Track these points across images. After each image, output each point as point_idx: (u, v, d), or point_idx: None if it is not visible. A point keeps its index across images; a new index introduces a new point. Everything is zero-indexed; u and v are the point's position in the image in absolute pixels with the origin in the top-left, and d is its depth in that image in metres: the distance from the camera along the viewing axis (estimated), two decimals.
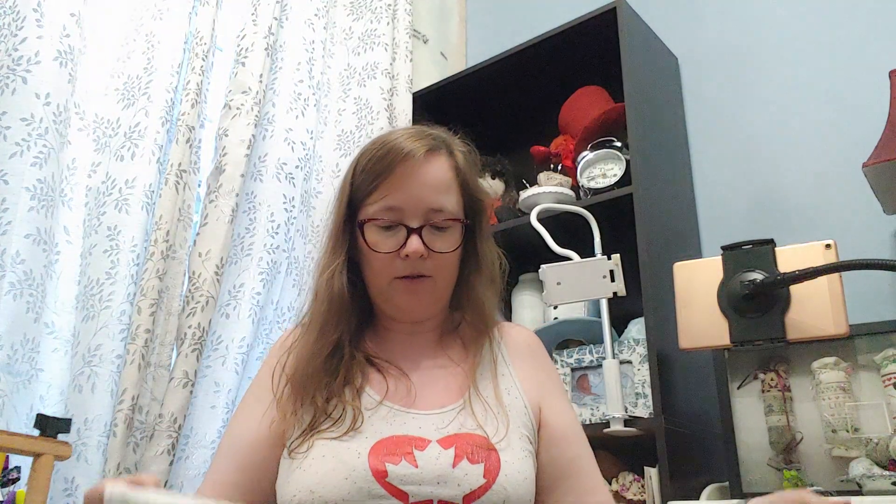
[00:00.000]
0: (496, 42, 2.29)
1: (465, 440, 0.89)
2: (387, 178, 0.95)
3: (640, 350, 1.59)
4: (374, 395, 0.94)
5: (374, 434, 0.89)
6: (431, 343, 1.04)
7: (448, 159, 0.99)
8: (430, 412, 0.93)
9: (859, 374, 1.31)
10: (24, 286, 1.28)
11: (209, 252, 1.53)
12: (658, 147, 1.81)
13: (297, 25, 1.87)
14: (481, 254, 1.02)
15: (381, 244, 0.95)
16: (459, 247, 0.98)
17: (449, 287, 1.00)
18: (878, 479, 1.18)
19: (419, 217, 0.95)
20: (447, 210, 0.96)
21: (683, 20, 2.06)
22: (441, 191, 0.97)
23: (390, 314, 1.02)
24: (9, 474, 1.15)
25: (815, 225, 1.68)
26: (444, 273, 0.98)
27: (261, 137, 1.71)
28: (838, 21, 1.78)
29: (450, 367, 1.00)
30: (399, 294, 0.97)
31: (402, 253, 0.94)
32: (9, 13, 1.34)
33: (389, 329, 1.04)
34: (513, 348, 1.05)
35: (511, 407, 0.96)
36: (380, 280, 0.97)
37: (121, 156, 1.48)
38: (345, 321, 0.98)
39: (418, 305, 0.99)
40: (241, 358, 1.56)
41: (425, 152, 0.96)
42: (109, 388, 1.34)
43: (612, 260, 1.41)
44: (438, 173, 0.97)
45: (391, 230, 0.95)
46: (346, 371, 0.95)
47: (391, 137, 0.98)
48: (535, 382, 1.02)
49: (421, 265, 0.95)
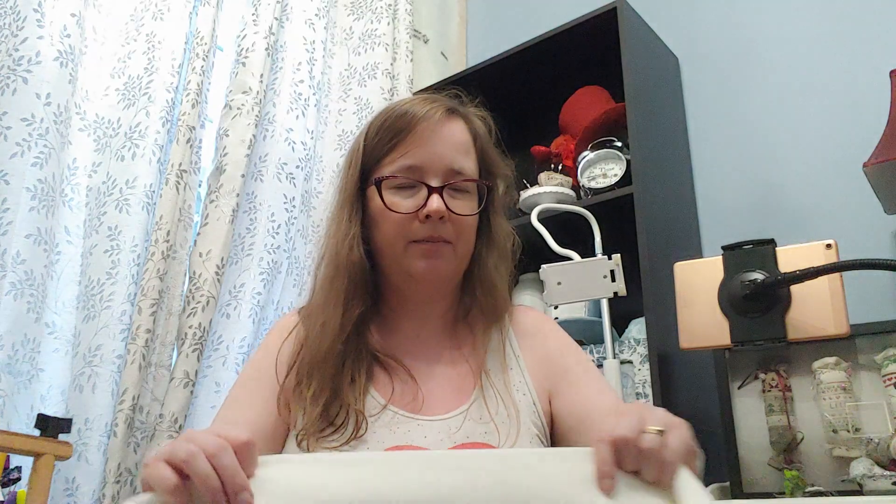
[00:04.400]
0: (496, 42, 2.29)
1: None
2: (406, 137, 0.91)
3: (640, 350, 1.59)
4: (378, 399, 0.89)
5: (377, 444, 0.85)
6: (440, 333, 0.98)
7: (466, 123, 0.96)
8: (436, 418, 0.89)
9: (860, 374, 1.31)
10: (25, 286, 1.28)
11: (210, 252, 1.53)
12: (658, 147, 1.81)
13: (298, 25, 1.87)
14: (494, 227, 0.98)
15: (399, 204, 0.89)
16: (479, 211, 0.94)
17: (466, 255, 0.95)
18: (879, 479, 1.18)
19: (440, 176, 0.90)
20: (467, 172, 0.92)
21: (683, 20, 2.06)
22: (461, 151, 0.93)
23: (403, 287, 0.95)
24: (10, 474, 1.15)
25: (816, 225, 1.68)
26: (462, 238, 0.92)
27: (261, 137, 1.71)
28: (838, 21, 1.78)
29: (458, 365, 0.95)
30: (416, 259, 0.90)
31: (422, 213, 0.88)
32: (9, 13, 1.34)
33: (400, 314, 0.97)
34: (521, 334, 1.00)
35: (520, 403, 0.92)
36: (395, 245, 0.91)
37: (121, 156, 1.48)
38: (365, 297, 0.91)
39: (435, 272, 0.92)
40: (242, 358, 1.56)
41: (444, 113, 0.93)
42: (110, 388, 1.34)
43: (613, 260, 1.41)
44: (458, 134, 0.94)
45: (410, 190, 0.90)
46: (351, 367, 0.90)
47: (403, 102, 0.95)
48: (543, 372, 0.96)
49: (442, 228, 0.89)
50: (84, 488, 1.29)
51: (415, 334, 0.97)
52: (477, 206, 0.94)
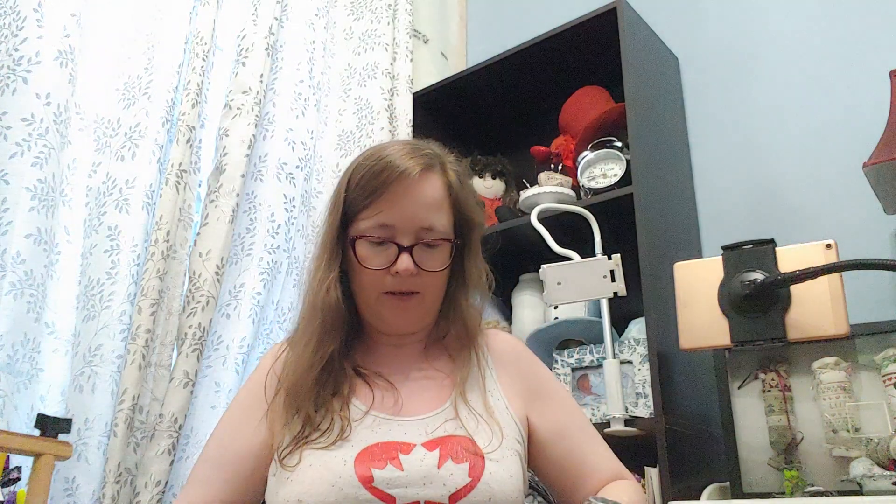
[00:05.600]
0: (496, 42, 2.29)
1: (450, 442, 0.90)
2: (381, 196, 0.96)
3: (640, 350, 1.59)
4: (360, 406, 0.96)
5: (361, 442, 0.91)
6: (418, 354, 1.05)
7: (441, 177, 1.01)
8: (415, 418, 0.95)
9: (860, 374, 1.31)
10: (25, 286, 1.28)
11: (209, 252, 1.53)
12: (658, 147, 1.81)
13: (298, 25, 1.87)
14: (468, 271, 1.04)
15: (371, 260, 0.97)
16: (449, 266, 1.00)
17: (436, 303, 1.03)
18: (879, 479, 1.18)
19: (411, 235, 0.96)
20: (438, 229, 0.98)
21: (683, 20, 2.06)
22: (433, 209, 0.98)
23: (378, 328, 1.03)
24: (9, 474, 1.15)
25: (816, 225, 1.68)
26: (432, 289, 1.00)
27: (261, 137, 1.71)
28: (838, 21, 1.78)
29: (437, 378, 1.02)
30: (387, 309, 0.99)
31: (392, 270, 0.96)
32: (9, 13, 1.34)
33: (377, 341, 1.05)
34: (498, 359, 1.06)
35: (503, 422, 0.97)
36: (368, 294, 0.99)
37: (121, 156, 1.48)
38: (339, 333, 0.99)
39: (406, 320, 1.01)
40: (242, 358, 1.56)
41: (420, 171, 0.97)
42: (110, 387, 1.34)
43: (613, 260, 1.41)
44: (432, 192, 0.98)
45: (382, 246, 0.96)
46: (335, 382, 0.97)
47: (386, 153, 0.99)
48: (521, 395, 1.03)
49: (410, 282, 0.97)
50: (84, 488, 1.29)
51: (393, 354, 1.04)
52: (448, 257, 0.99)
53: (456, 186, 1.02)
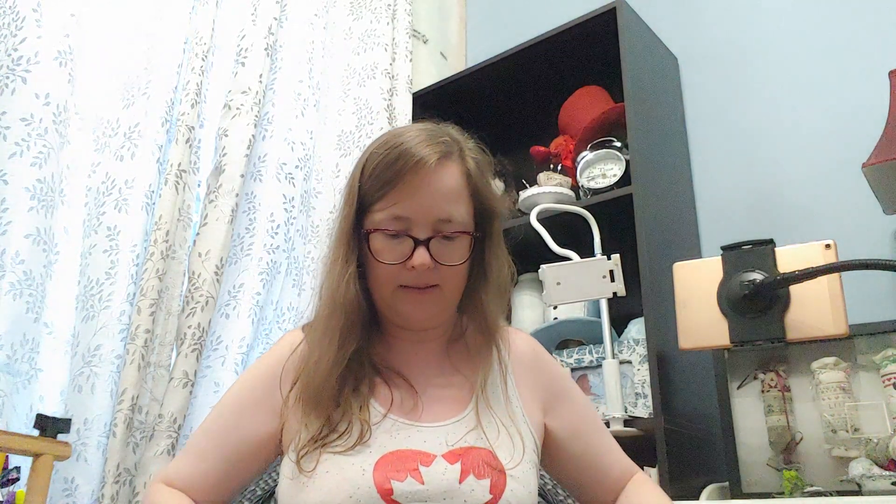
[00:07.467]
0: (496, 42, 2.29)
1: (472, 455, 0.88)
2: (395, 186, 0.91)
3: (639, 350, 1.59)
4: (379, 408, 0.92)
5: (380, 448, 0.88)
6: (439, 352, 1.01)
7: (460, 166, 0.95)
8: (435, 424, 0.92)
9: (859, 374, 1.31)
10: (24, 286, 1.28)
11: (209, 252, 1.53)
12: (658, 147, 1.81)
13: (297, 25, 1.87)
14: (488, 263, 0.99)
15: (386, 254, 0.92)
16: (468, 259, 0.95)
17: (456, 296, 0.97)
18: (878, 479, 1.19)
19: (428, 228, 0.91)
20: (456, 221, 0.92)
21: (683, 20, 2.06)
22: (451, 200, 0.92)
23: (395, 322, 0.99)
24: (9, 474, 1.15)
25: (815, 225, 1.68)
26: (451, 283, 0.94)
27: (260, 137, 1.71)
28: (838, 21, 1.78)
29: (457, 380, 0.98)
30: (404, 303, 0.94)
31: (408, 265, 0.91)
32: (8, 13, 1.34)
33: (396, 336, 1.00)
34: (517, 361, 1.03)
35: (521, 430, 0.95)
36: (384, 288, 0.94)
37: (120, 156, 1.48)
38: (361, 331, 0.95)
39: (424, 315, 0.96)
40: (241, 358, 1.56)
41: (437, 160, 0.91)
42: (109, 388, 1.34)
43: (612, 260, 1.41)
44: (450, 182, 0.93)
45: (397, 238, 0.91)
46: (354, 379, 0.93)
47: (402, 140, 0.94)
48: (539, 403, 1.01)
49: (428, 276, 0.92)
50: (83, 488, 1.29)
51: (413, 351, 1.00)
52: (468, 250, 0.94)
53: (475, 175, 0.96)
